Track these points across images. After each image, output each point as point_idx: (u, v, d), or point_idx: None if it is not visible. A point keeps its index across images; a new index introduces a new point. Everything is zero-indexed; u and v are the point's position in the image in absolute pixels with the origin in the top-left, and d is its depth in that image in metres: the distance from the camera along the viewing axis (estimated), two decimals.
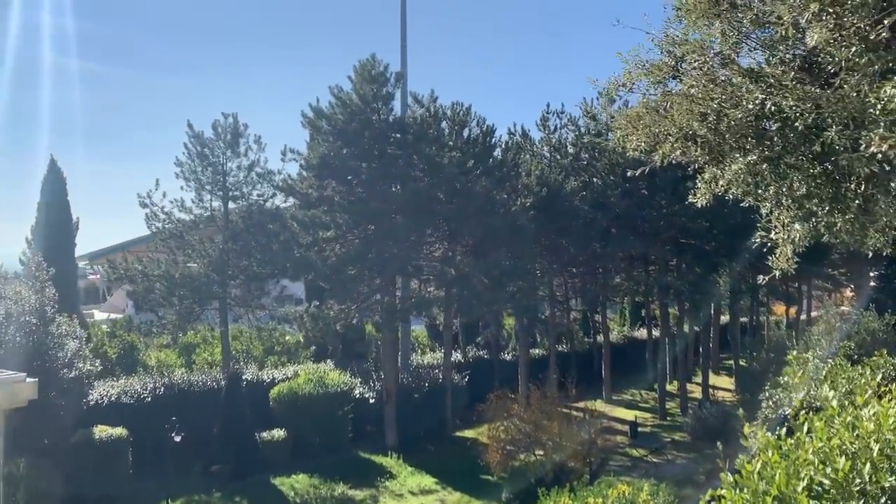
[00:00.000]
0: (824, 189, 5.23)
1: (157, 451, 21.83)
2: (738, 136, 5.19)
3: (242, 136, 26.37)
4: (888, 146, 4.27)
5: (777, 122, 5.08)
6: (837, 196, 5.22)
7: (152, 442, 21.97)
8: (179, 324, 25.85)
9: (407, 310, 23.76)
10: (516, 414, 19.69)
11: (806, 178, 5.24)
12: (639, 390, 39.86)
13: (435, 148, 25.12)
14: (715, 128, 5.26)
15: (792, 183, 5.38)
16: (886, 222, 5.35)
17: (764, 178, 5.49)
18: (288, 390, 25.26)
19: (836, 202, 5.28)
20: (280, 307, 27.13)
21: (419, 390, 27.10)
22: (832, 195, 5.25)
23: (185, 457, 22.41)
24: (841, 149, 4.72)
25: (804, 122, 4.76)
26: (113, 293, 43.29)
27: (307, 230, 24.39)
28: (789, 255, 6.36)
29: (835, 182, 5.21)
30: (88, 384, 18.33)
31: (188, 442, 23.02)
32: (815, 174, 5.19)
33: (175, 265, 25.46)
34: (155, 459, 21.71)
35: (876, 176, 4.85)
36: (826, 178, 5.19)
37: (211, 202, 26.38)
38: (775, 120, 5.08)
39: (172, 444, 22.08)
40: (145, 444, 21.72)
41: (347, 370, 28.97)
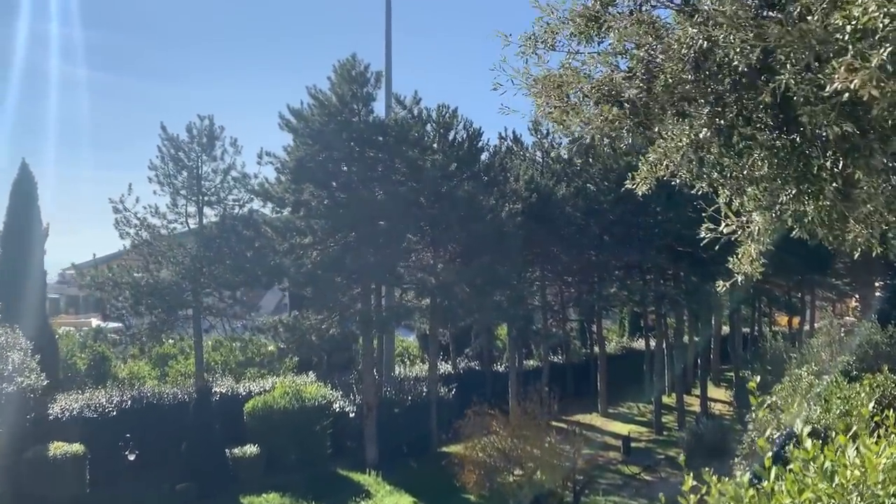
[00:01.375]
0: (789, 166, 4.13)
1: (119, 469, 20.74)
2: (674, 95, 4.11)
3: (218, 138, 25.34)
4: (859, 81, 3.17)
5: (715, 65, 3.97)
6: (806, 175, 4.12)
7: (116, 459, 20.90)
8: (152, 334, 24.78)
9: (384, 320, 22.65)
10: (495, 431, 18.52)
11: (766, 153, 4.13)
12: (636, 403, 38.60)
13: (417, 151, 24.09)
14: (647, 87, 4.18)
15: (748, 160, 4.28)
16: (871, 210, 4.25)
17: (712, 153, 4.41)
18: (263, 404, 24.16)
19: (805, 183, 4.17)
20: (258, 317, 26.07)
21: (401, 404, 25.96)
22: (799, 174, 4.14)
23: (150, 474, 21.34)
24: (800, 99, 3.62)
25: (747, 62, 3.66)
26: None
27: (283, 236, 23.35)
28: (754, 256, 5.26)
29: (802, 156, 4.11)
30: (34, 398, 17.27)
31: (155, 459, 21.99)
32: (778, 146, 4.09)
33: (147, 272, 24.46)
34: (116, 477, 20.62)
35: (852, 143, 3.76)
36: (791, 150, 4.08)
37: (186, 207, 25.38)
38: (714, 64, 3.96)
39: (136, 462, 21.08)
40: (108, 461, 20.65)
41: (329, 383, 27.91)
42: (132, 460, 19.66)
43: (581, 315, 41.93)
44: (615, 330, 54.37)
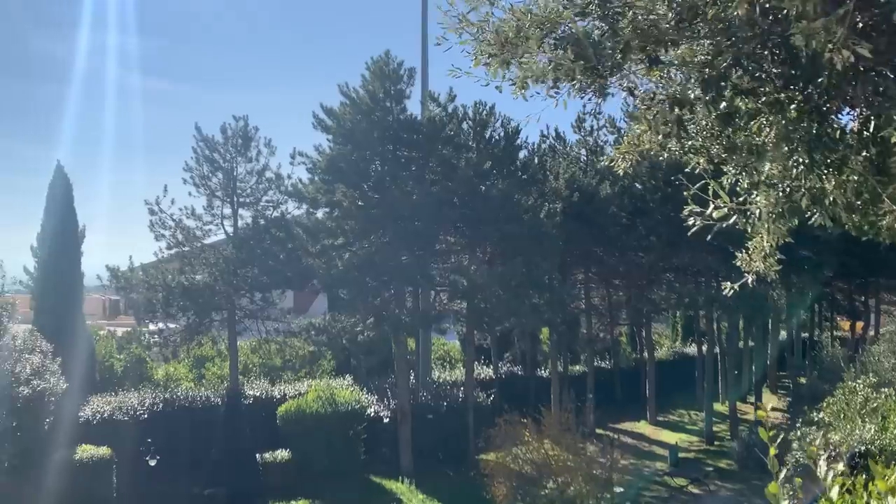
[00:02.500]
0: (799, 128, 3.19)
1: (147, 472, 20.53)
2: (647, 38, 3.22)
3: (253, 139, 25.09)
4: None
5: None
6: (822, 139, 3.18)
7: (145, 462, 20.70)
8: (186, 336, 24.64)
9: (415, 323, 21.96)
10: (527, 440, 17.60)
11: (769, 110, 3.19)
12: (687, 411, 37.07)
13: (451, 149, 23.34)
14: (611, 27, 3.30)
15: (746, 121, 3.37)
16: None
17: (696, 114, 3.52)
18: (295, 408, 23.73)
19: (821, 150, 3.24)
20: (293, 319, 25.69)
21: (437, 409, 25.23)
22: (813, 138, 3.21)
23: (179, 478, 21.09)
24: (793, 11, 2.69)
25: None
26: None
27: (314, 237, 22.88)
28: (767, 251, 4.33)
29: (816, 114, 3.16)
30: (55, 401, 17.11)
31: (184, 462, 21.76)
32: (783, 101, 3.14)
33: (182, 274, 24.33)
34: (145, 481, 20.41)
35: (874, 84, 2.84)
36: (802, 105, 3.13)
37: (221, 209, 25.19)
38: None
39: (166, 465, 20.88)
40: (137, 465, 20.46)
41: (364, 387, 27.38)
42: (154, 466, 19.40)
43: (630, 319, 40.48)
44: (668, 335, 52.68)
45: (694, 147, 3.95)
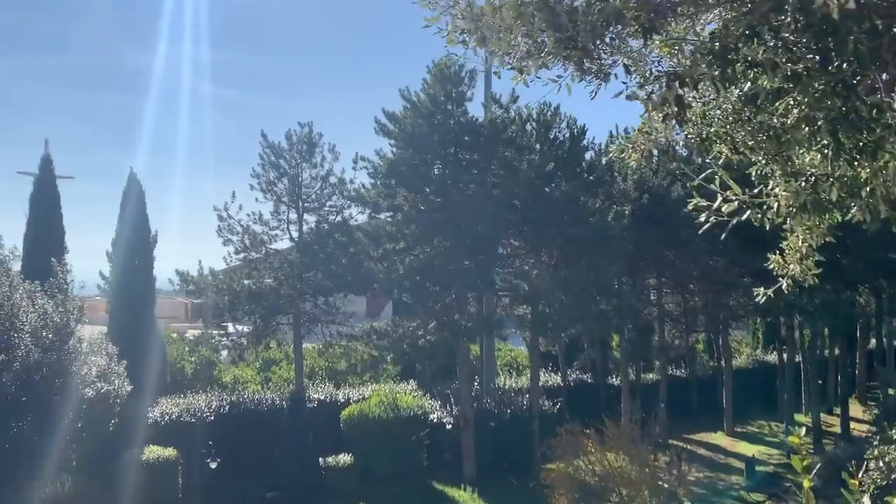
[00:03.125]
0: (824, 104, 2.68)
1: (213, 474, 20.87)
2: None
3: (317, 145, 25.34)
4: None
5: None
6: (847, 115, 2.64)
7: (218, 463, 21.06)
8: (252, 339, 25.04)
9: (474, 329, 21.60)
10: (589, 451, 16.98)
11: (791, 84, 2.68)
12: (767, 422, 35.35)
13: (513, 151, 22.92)
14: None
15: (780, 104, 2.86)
16: None
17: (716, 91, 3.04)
18: (358, 413, 23.74)
19: (850, 130, 2.71)
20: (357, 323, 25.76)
21: (500, 417, 24.77)
22: (840, 114, 2.68)
23: (243, 481, 21.36)
24: None
25: None
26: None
27: (376, 242, 22.86)
28: (803, 252, 3.81)
29: (846, 87, 2.63)
30: (119, 403, 17.51)
31: (249, 465, 22.03)
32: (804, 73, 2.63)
33: (249, 279, 24.75)
34: (210, 483, 20.75)
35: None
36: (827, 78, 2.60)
37: (287, 214, 25.51)
38: None
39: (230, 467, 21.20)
40: (203, 466, 20.84)
41: (428, 392, 27.19)
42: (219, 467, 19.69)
43: (705, 326, 38.95)
44: (748, 342, 50.56)
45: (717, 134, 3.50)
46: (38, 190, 23.37)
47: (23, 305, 15.28)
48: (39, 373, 14.86)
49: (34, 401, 14.69)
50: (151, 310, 25.16)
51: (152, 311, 25.18)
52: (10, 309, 15.00)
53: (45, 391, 14.86)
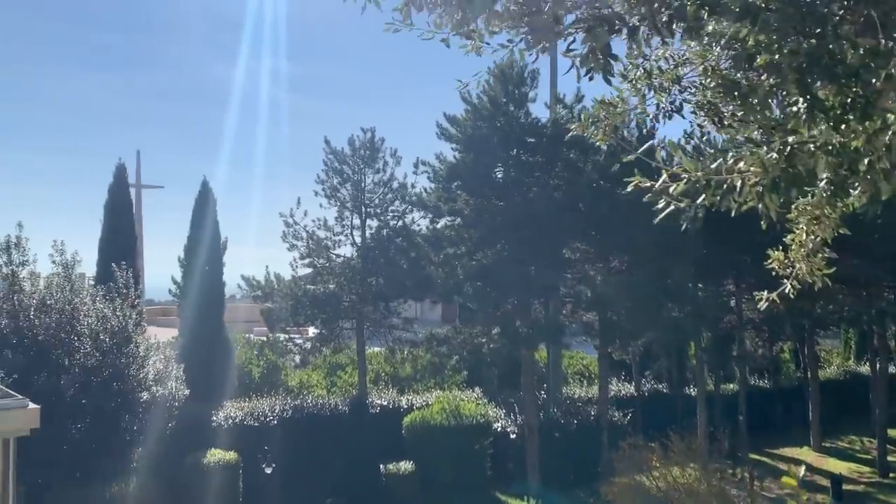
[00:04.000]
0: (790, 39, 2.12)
1: (274, 479, 20.94)
2: None
3: (379, 150, 25.35)
4: None
5: None
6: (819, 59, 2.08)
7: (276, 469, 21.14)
8: (318, 344, 25.18)
9: (534, 336, 20.95)
10: (653, 467, 16.11)
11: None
12: (859, 437, 33.14)
13: (577, 152, 22.21)
14: None
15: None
16: None
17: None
18: (420, 419, 23.47)
19: (825, 75, 2.13)
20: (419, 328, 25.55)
21: (566, 427, 24.01)
22: (809, 55, 2.11)
23: (303, 486, 21.38)
24: None
25: None
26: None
27: (436, 247, 22.55)
28: (810, 248, 3.20)
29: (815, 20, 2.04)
30: (173, 407, 17.76)
31: (310, 470, 22.05)
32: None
33: (313, 284, 24.91)
34: (271, 488, 20.84)
35: None
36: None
37: (351, 219, 25.57)
38: None
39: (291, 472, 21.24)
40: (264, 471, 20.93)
41: (493, 399, 26.67)
42: (281, 472, 19.73)
43: (790, 334, 36.90)
44: (839, 351, 47.69)
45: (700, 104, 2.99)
46: (112, 197, 24.16)
47: (83, 309, 15.69)
48: (98, 376, 15.22)
49: (92, 404, 15.04)
50: (220, 314, 25.62)
51: (221, 316, 25.64)
52: (70, 312, 15.43)
53: (102, 394, 15.20)
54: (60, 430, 14.64)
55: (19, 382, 14.43)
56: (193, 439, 20.08)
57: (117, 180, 24.31)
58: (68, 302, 15.69)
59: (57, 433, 14.56)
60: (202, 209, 26.09)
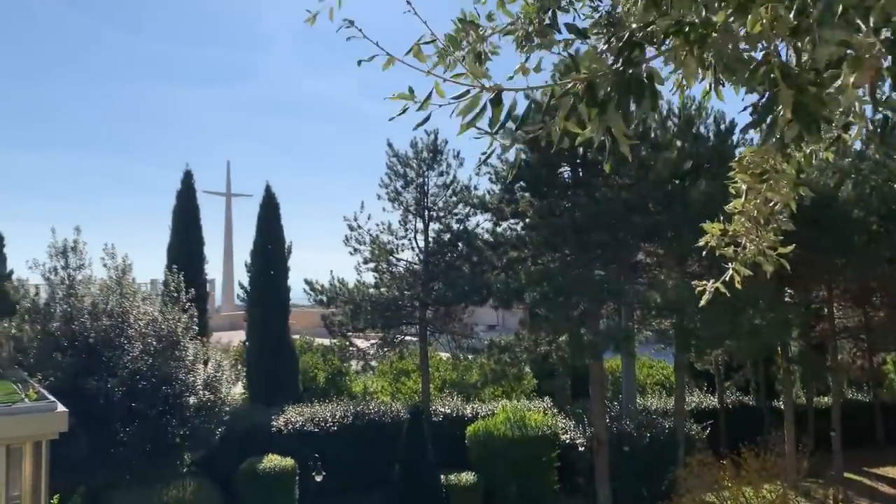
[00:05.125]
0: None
1: (331, 488, 20.58)
2: None
3: (442, 152, 24.79)
4: None
5: None
6: None
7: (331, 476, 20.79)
8: (380, 349, 24.80)
9: (598, 344, 19.77)
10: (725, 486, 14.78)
11: None
12: None
13: (648, 148, 20.96)
14: None
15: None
16: None
17: None
18: (483, 429, 22.67)
19: None
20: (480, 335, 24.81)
21: (637, 440, 22.68)
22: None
23: (362, 495, 20.97)
24: None
25: None
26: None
27: (495, 250, 21.74)
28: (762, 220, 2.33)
29: None
30: (223, 411, 17.59)
31: (369, 479, 21.64)
32: None
33: (376, 288, 24.55)
34: (327, 495, 20.48)
35: None
36: None
37: (415, 223, 25.10)
38: None
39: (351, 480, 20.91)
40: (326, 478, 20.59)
41: (562, 410, 25.60)
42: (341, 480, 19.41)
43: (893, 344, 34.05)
44: None
45: None
46: (180, 203, 24.50)
47: (133, 312, 15.74)
48: (146, 380, 15.20)
49: (140, 407, 15.02)
50: (285, 319, 25.64)
51: (286, 321, 25.65)
52: (120, 316, 15.49)
53: (150, 398, 15.17)
54: (109, 432, 14.67)
55: (71, 385, 14.57)
56: (251, 444, 19.98)
57: (185, 186, 24.65)
58: (118, 304, 15.78)
59: (105, 435, 14.60)
60: (267, 215, 26.23)
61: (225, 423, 17.81)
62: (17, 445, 10.09)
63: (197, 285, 24.30)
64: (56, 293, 16.05)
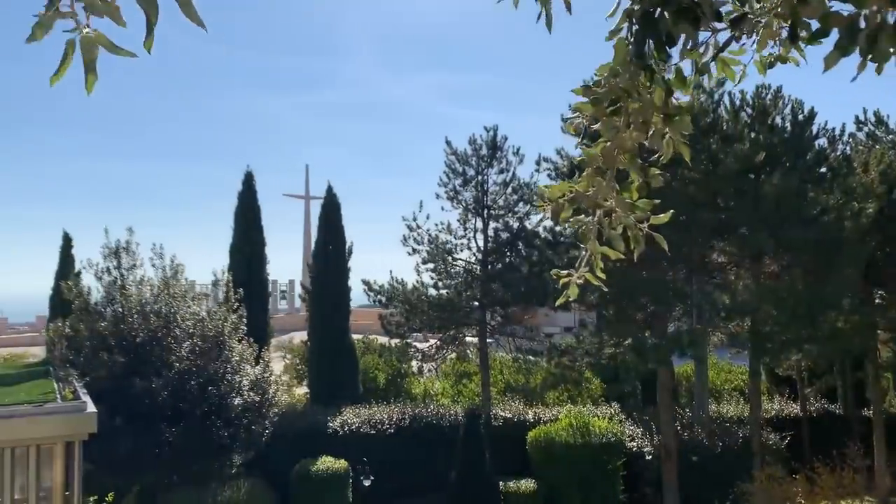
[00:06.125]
0: None
1: (386, 490, 20.22)
2: None
3: (501, 149, 24.13)
4: None
5: None
6: None
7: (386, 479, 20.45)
8: (440, 350, 24.36)
9: (661, 348, 18.63)
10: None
11: None
12: None
13: (717, 140, 19.75)
14: None
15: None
16: None
17: None
18: (545, 435, 21.88)
19: None
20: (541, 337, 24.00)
21: (708, 449, 21.42)
22: None
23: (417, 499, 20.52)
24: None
25: None
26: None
27: (555, 250, 20.91)
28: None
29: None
30: (270, 413, 17.40)
31: (425, 483, 21.21)
32: None
33: (435, 289, 24.13)
34: (383, 498, 20.11)
35: None
36: None
37: (475, 223, 24.54)
38: None
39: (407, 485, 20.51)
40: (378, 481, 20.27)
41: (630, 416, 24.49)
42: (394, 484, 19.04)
43: None
44: None
45: None
46: (241, 204, 24.69)
47: (179, 313, 15.77)
48: (192, 379, 15.19)
49: (186, 407, 15.00)
50: (345, 319, 25.49)
51: (346, 321, 25.50)
52: (167, 315, 15.54)
53: (196, 398, 15.13)
54: (155, 432, 14.71)
55: (118, 385, 14.68)
56: (307, 445, 19.83)
57: (246, 187, 24.83)
58: (166, 304, 15.86)
59: (152, 435, 14.64)
60: (328, 216, 26.16)
61: (273, 425, 17.68)
62: (48, 445, 10.10)
63: (258, 285, 24.51)
64: (109, 293, 16.26)
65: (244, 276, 23.77)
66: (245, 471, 17.57)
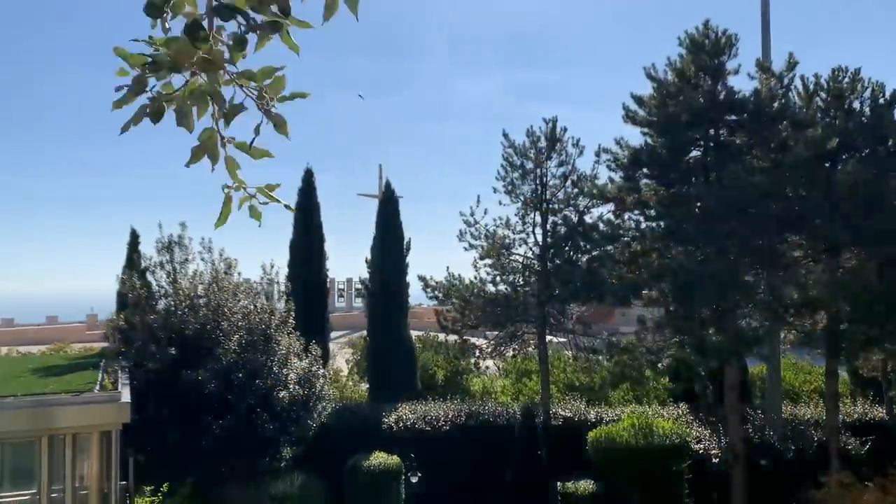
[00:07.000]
0: None
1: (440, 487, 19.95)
2: None
3: (560, 140, 23.48)
4: None
5: None
6: None
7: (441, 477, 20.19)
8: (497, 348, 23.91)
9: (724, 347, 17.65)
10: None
11: None
12: None
13: (789, 126, 18.66)
14: None
15: None
16: None
17: None
18: (605, 436, 21.15)
19: None
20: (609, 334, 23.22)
21: (780, 454, 20.29)
22: None
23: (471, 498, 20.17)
24: None
25: None
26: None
27: (615, 244, 20.19)
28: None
29: None
30: (316, 407, 17.33)
31: (480, 482, 20.85)
32: None
33: (493, 285, 23.71)
34: (437, 495, 19.86)
35: None
36: None
37: (534, 217, 23.98)
38: None
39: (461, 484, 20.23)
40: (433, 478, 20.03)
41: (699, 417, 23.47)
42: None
43: None
44: None
45: None
46: (301, 201, 24.87)
47: (227, 306, 15.89)
48: (238, 372, 15.28)
49: (233, 400, 15.10)
50: (403, 315, 25.39)
51: (404, 318, 25.40)
52: (216, 309, 15.68)
53: (243, 391, 15.22)
54: (202, 424, 14.85)
55: (167, 377, 14.92)
56: (362, 441, 19.78)
57: (305, 184, 25.00)
58: (214, 297, 16.02)
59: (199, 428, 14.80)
60: (386, 212, 26.10)
61: (325, 419, 17.67)
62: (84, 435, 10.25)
63: (317, 281, 24.66)
64: (161, 287, 16.57)
65: (303, 273, 23.99)
66: (296, 465, 17.61)
